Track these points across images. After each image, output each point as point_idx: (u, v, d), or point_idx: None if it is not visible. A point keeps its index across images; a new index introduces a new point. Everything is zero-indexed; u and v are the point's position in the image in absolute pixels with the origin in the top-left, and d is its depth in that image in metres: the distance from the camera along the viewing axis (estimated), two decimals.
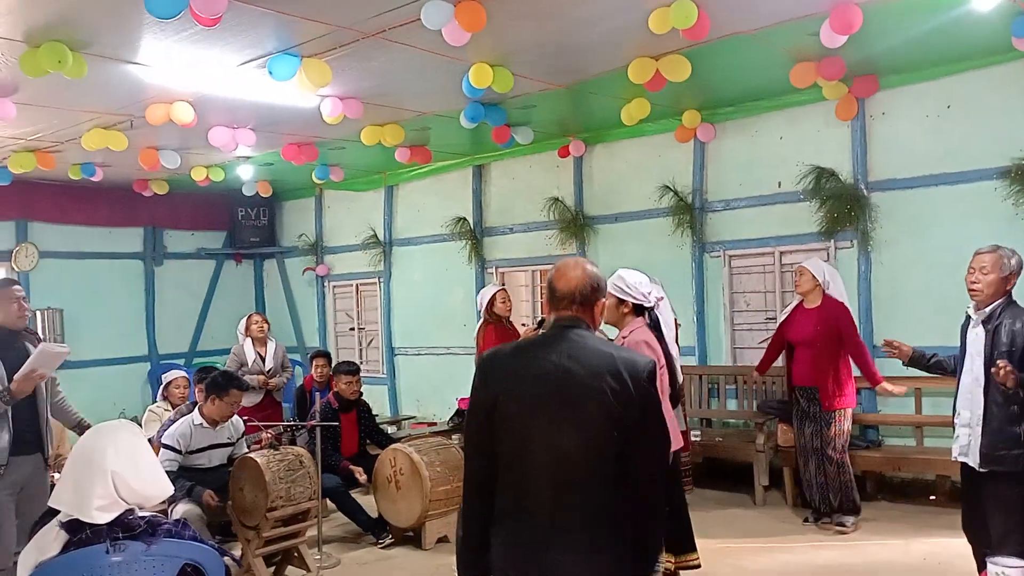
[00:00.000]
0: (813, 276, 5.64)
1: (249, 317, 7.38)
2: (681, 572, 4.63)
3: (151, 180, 9.40)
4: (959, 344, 4.06)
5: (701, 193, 7.56)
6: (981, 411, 3.78)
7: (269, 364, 7.14)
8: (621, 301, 3.94)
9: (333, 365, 6.90)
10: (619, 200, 8.14)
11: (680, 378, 4.11)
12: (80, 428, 4.53)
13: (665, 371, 3.84)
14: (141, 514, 2.65)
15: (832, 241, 6.78)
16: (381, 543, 5.69)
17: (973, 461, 3.83)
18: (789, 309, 5.94)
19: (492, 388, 2.26)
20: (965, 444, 3.89)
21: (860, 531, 5.54)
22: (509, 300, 6.91)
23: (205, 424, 5.12)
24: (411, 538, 5.71)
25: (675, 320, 4.72)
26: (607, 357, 2.19)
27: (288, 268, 11.46)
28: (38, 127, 6.76)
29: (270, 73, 5.24)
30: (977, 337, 3.86)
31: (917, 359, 4.28)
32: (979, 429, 3.78)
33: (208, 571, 2.61)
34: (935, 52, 5.87)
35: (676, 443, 3.71)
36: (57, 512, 2.61)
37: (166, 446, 5.00)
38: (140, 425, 6.10)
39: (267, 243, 11.27)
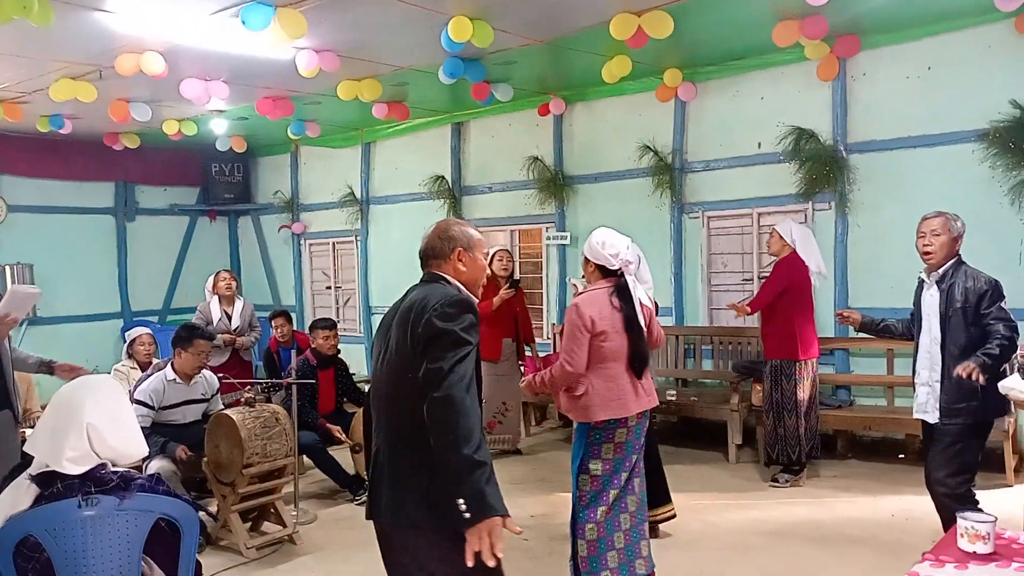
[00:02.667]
0: (781, 236, 5.76)
1: (217, 274, 7.25)
2: (659, 524, 4.76)
3: (122, 133, 9.19)
4: (913, 307, 4.15)
5: (681, 153, 7.52)
6: (940, 368, 3.90)
7: (235, 323, 7.05)
8: (587, 260, 3.90)
9: (310, 322, 6.85)
10: (599, 160, 8.09)
11: (661, 340, 4.08)
12: (46, 367, 4.38)
13: (619, 337, 3.76)
14: (114, 469, 2.61)
15: (810, 203, 6.80)
16: (358, 499, 5.71)
17: (932, 418, 3.96)
18: (770, 268, 6.01)
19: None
20: (923, 402, 4.02)
21: (829, 488, 5.64)
22: (506, 260, 6.79)
23: (178, 380, 5.08)
24: None
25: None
26: (424, 298, 2.36)
27: (263, 225, 11.33)
28: (4, 77, 6.57)
29: (243, 23, 5.10)
30: (932, 298, 3.99)
31: (867, 325, 4.40)
32: (938, 386, 3.91)
33: (182, 525, 2.59)
34: (917, 12, 5.85)
35: (621, 411, 3.70)
36: (28, 466, 2.57)
37: (138, 402, 4.96)
38: None
39: (242, 200, 11.10)
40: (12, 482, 2.59)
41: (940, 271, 3.97)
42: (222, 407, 5.26)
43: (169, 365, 5.18)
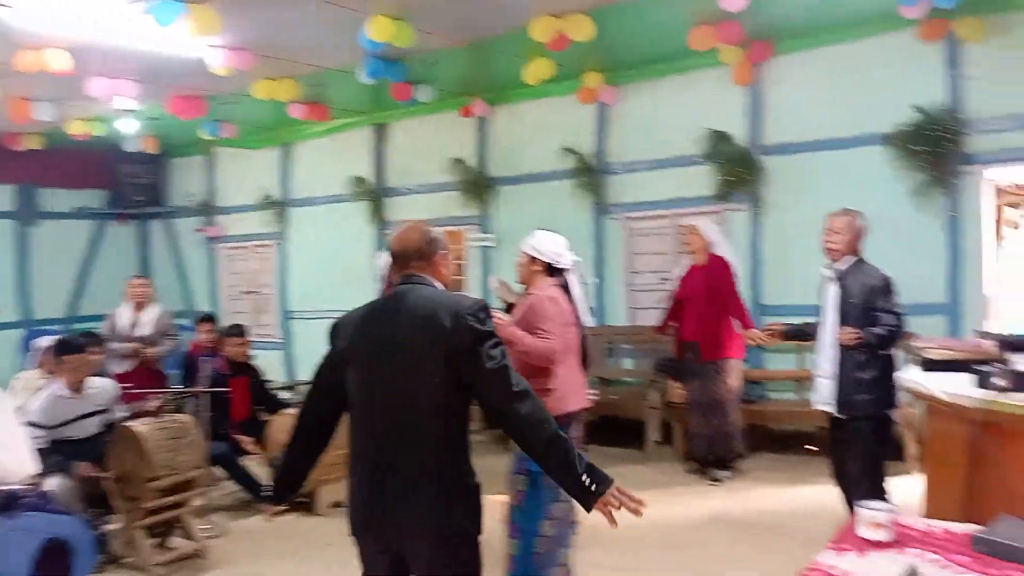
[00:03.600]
0: (703, 236, 5.84)
1: (130, 281, 6.92)
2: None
3: (24, 134, 8.73)
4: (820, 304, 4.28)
5: (602, 155, 7.59)
6: (837, 361, 4.03)
7: (144, 330, 6.64)
8: (533, 260, 3.89)
9: (222, 330, 6.61)
10: (522, 161, 8.09)
11: (587, 342, 4.11)
12: None
13: (574, 331, 3.81)
14: (1, 487, 2.45)
15: (726, 204, 6.94)
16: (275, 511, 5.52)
17: (833, 409, 4.09)
18: (684, 269, 6.04)
19: (338, 348, 2.41)
20: (824, 394, 4.15)
21: (744, 481, 5.76)
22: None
23: (67, 393, 4.79)
24: (304, 504, 5.57)
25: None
26: (438, 303, 2.31)
27: (177, 229, 10.93)
28: None
29: (153, 18, 4.91)
30: (831, 293, 4.14)
31: (788, 333, 4.52)
32: (837, 379, 4.04)
33: (73, 545, 2.44)
34: (827, 19, 6.04)
35: (582, 402, 3.76)
36: None
37: (30, 424, 4.64)
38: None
39: (154, 203, 10.71)
40: None
41: (840, 267, 4.11)
42: (125, 416, 5.00)
43: (60, 380, 4.88)
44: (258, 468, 5.76)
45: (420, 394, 2.25)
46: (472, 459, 2.36)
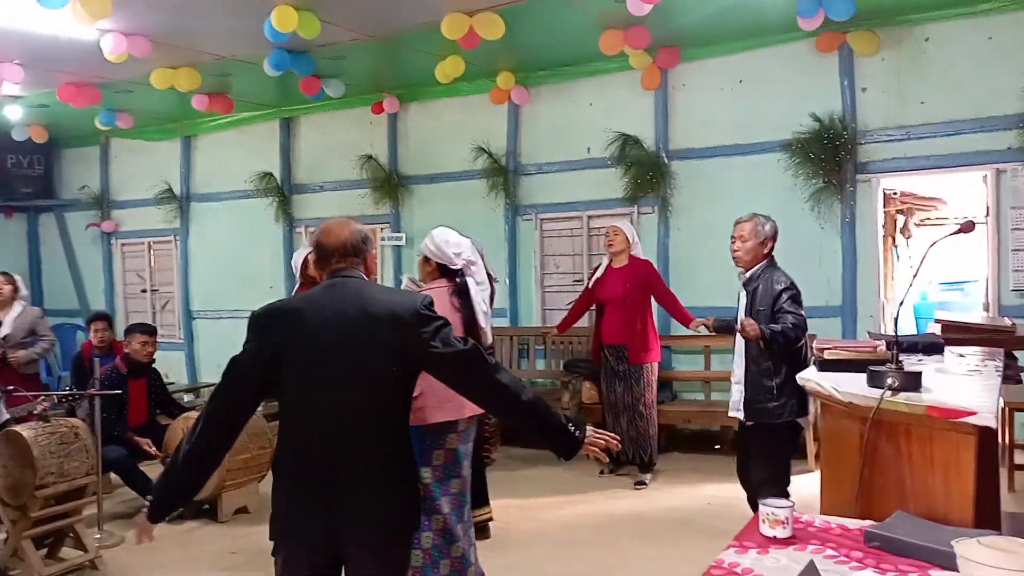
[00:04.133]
0: (626, 236, 5.78)
1: None
2: (488, 525, 4.75)
3: None
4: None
5: (515, 156, 7.61)
6: (745, 367, 4.05)
7: (6, 330, 6.12)
8: (427, 259, 3.82)
9: (126, 326, 6.27)
10: (435, 160, 8.04)
11: (488, 340, 4.02)
12: None
13: (460, 332, 3.71)
14: None
15: (636, 207, 7.07)
16: (172, 515, 5.30)
17: (742, 415, 4.10)
18: (600, 270, 5.99)
19: (270, 341, 2.25)
20: (736, 400, 4.16)
21: (653, 480, 5.86)
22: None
23: None
24: (207, 511, 5.37)
25: (491, 279, 4.59)
26: (390, 298, 2.32)
27: (68, 223, 10.37)
28: None
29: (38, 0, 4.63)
30: (742, 299, 4.15)
31: (718, 327, 4.52)
32: (743, 385, 4.06)
33: None
34: (731, 28, 6.22)
35: (460, 412, 3.56)
36: None
37: None
38: None
39: (43, 195, 10.12)
40: None
41: (748, 273, 4.11)
42: (7, 420, 4.70)
43: None
44: (156, 473, 5.51)
45: (373, 389, 2.23)
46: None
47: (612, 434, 2.43)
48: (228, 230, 9.21)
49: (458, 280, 3.74)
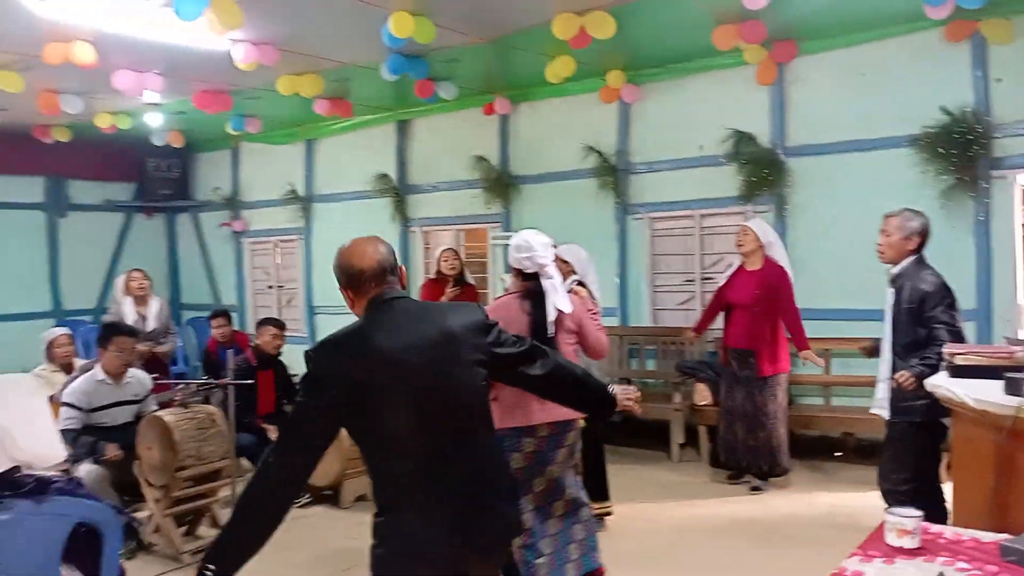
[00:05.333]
0: (757, 236, 5.60)
1: (128, 274, 6.79)
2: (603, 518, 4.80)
3: (52, 126, 8.86)
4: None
5: (625, 155, 7.57)
6: (892, 365, 3.94)
7: (152, 324, 6.62)
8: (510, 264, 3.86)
9: (258, 319, 6.67)
10: (544, 160, 8.10)
11: (601, 343, 3.95)
12: None
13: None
14: (30, 472, 2.51)
15: (750, 205, 6.90)
16: (298, 502, 5.60)
17: (885, 413, 4.01)
18: (731, 270, 5.86)
19: (348, 382, 2.10)
20: (881, 397, 4.06)
21: (770, 486, 5.71)
22: (452, 259, 6.71)
23: (108, 380, 4.90)
24: (329, 497, 5.64)
25: (589, 292, 4.52)
26: (453, 315, 2.27)
27: (203, 223, 11.06)
28: None
29: (176, 12, 4.95)
30: (888, 296, 4.04)
31: (871, 349, 4.33)
32: (889, 383, 3.93)
33: (103, 529, 2.49)
34: (852, 19, 5.98)
35: (566, 414, 3.60)
36: None
37: (67, 404, 4.77)
38: None
39: (180, 196, 10.83)
40: None
41: (895, 270, 4.00)
42: (155, 408, 5.09)
43: (98, 365, 4.99)
44: None
45: (472, 402, 2.23)
46: None
47: (636, 394, 2.62)
48: (347, 229, 9.39)
49: (533, 284, 3.73)
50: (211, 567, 2.02)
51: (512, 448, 3.62)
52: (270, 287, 10.50)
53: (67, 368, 5.78)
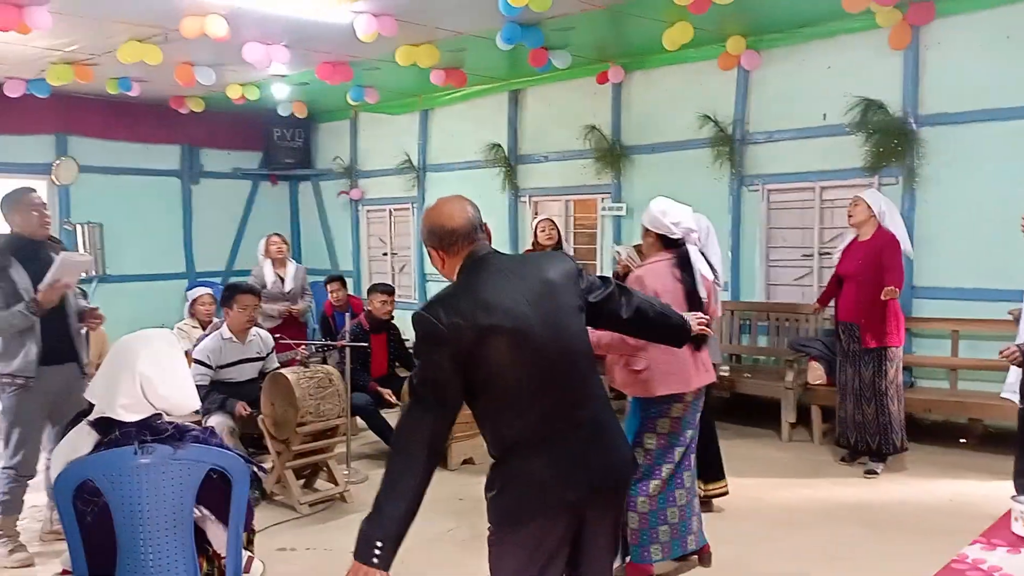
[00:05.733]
0: (868, 206, 5.41)
1: (268, 238, 7.26)
2: (712, 499, 4.75)
3: (187, 97, 9.38)
4: None
5: (742, 124, 7.34)
6: None
7: (289, 286, 7.08)
8: (647, 230, 3.82)
9: (370, 285, 6.93)
10: (657, 130, 7.95)
11: (717, 313, 3.98)
12: (79, 316, 4.38)
13: (684, 310, 3.67)
14: (169, 419, 2.70)
15: (876, 177, 6.57)
16: None
17: (1017, 398, 3.82)
18: (844, 243, 5.72)
19: (470, 338, 2.11)
20: (1011, 381, 3.90)
21: (885, 471, 5.49)
22: (549, 229, 6.71)
23: (234, 338, 5.21)
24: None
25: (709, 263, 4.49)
26: (548, 265, 2.34)
27: (323, 191, 11.49)
28: (74, 38, 6.75)
29: None
30: None
31: None
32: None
33: (233, 476, 2.66)
34: None
35: (680, 386, 3.63)
36: (88, 414, 2.68)
37: (197, 361, 5.10)
38: None
39: (302, 165, 11.28)
40: (74, 428, 2.71)
41: None
42: (277, 366, 5.37)
43: (224, 324, 5.31)
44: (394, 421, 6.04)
45: (579, 348, 2.28)
46: None
47: (704, 318, 2.93)
48: None
49: (680, 250, 3.73)
50: (378, 544, 2.05)
51: (660, 414, 3.65)
52: (384, 254, 10.82)
53: (207, 325, 6.20)
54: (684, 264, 3.71)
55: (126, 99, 8.96)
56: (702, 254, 4.20)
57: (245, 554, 2.81)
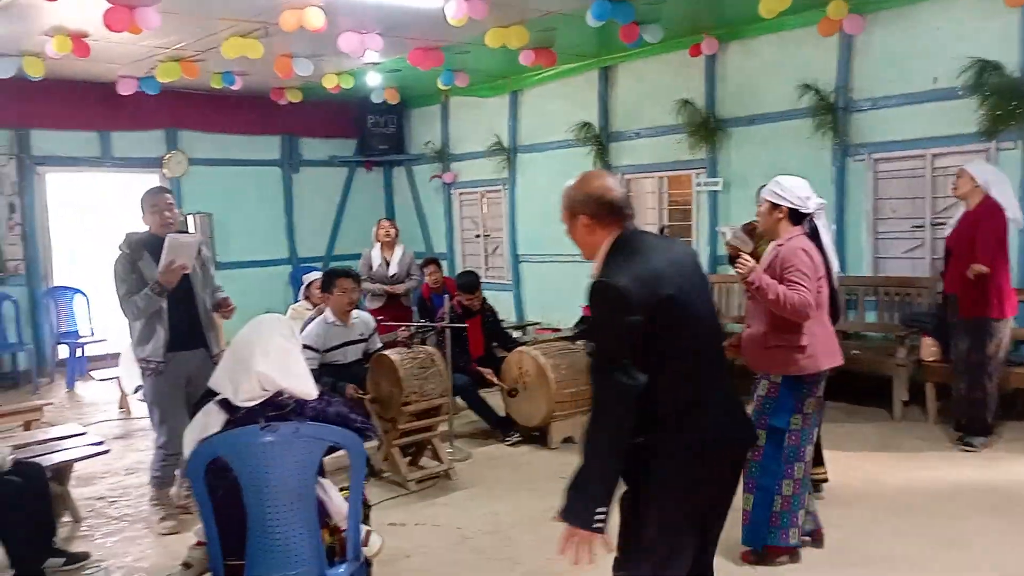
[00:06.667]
0: (972, 177, 5.25)
1: (379, 223, 7.60)
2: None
3: (286, 88, 9.68)
4: None
5: (845, 92, 7.05)
6: None
7: (393, 269, 7.31)
8: (775, 207, 3.72)
9: (457, 274, 7.04)
10: (754, 101, 7.72)
11: (838, 293, 3.89)
12: (215, 306, 4.64)
13: (824, 283, 3.65)
14: (290, 395, 2.83)
15: (993, 142, 6.21)
16: (508, 441, 5.90)
17: None
18: (960, 212, 5.52)
19: (650, 303, 2.17)
20: None
21: (1007, 451, 5.24)
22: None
23: (337, 322, 5.37)
24: (537, 437, 5.88)
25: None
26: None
27: (416, 175, 11.67)
28: (181, 36, 7.06)
29: None
30: None
31: None
32: None
33: (350, 453, 2.78)
34: None
35: (834, 360, 3.59)
36: (215, 395, 2.83)
37: (305, 347, 5.27)
38: None
39: (395, 150, 11.48)
40: (202, 408, 2.87)
41: None
42: (380, 347, 5.52)
43: (328, 309, 5.48)
44: (494, 401, 6.13)
45: (717, 322, 2.51)
46: None
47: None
48: (550, 179, 9.70)
49: (809, 225, 3.70)
50: (600, 511, 2.12)
51: (810, 393, 3.60)
52: (477, 236, 10.93)
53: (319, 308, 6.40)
54: (814, 237, 3.70)
55: (229, 93, 9.31)
56: None
57: (363, 528, 2.93)
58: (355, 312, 5.54)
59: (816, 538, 3.85)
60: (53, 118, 9.13)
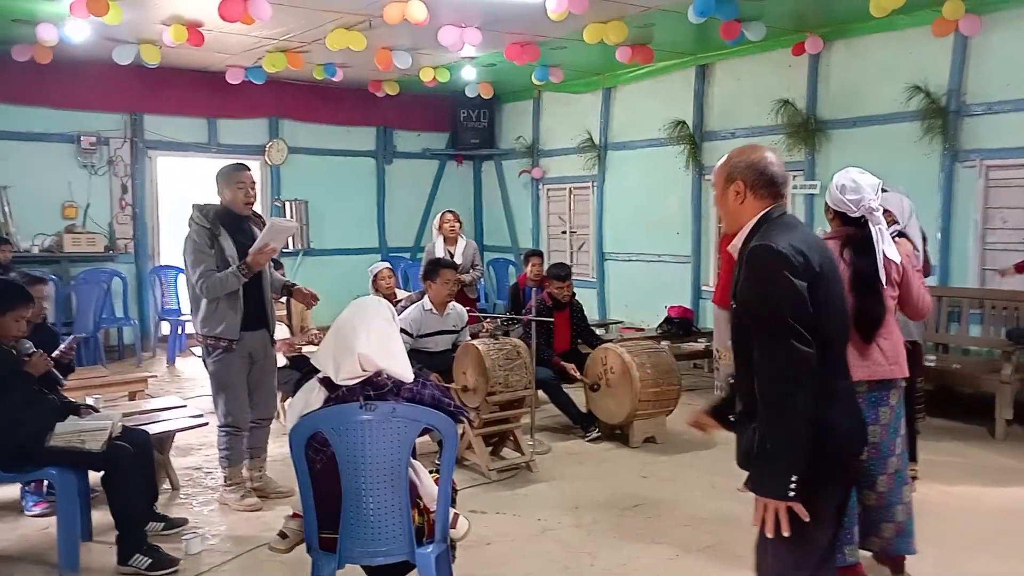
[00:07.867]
0: None
1: (441, 215, 7.44)
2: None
3: (384, 81, 9.90)
4: None
5: (958, 95, 6.74)
6: None
7: (457, 261, 7.11)
8: (826, 207, 3.50)
9: (549, 265, 7.02)
10: (859, 103, 7.48)
11: (885, 306, 3.53)
12: (287, 290, 4.73)
13: (849, 295, 3.31)
14: (388, 375, 2.90)
15: None
16: (589, 436, 5.89)
17: None
18: None
19: (812, 274, 2.14)
20: None
21: None
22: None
23: (434, 310, 5.47)
24: (618, 435, 5.85)
25: (912, 244, 4.10)
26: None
27: (505, 170, 11.75)
28: (288, 27, 7.30)
29: None
30: None
31: None
32: None
33: (444, 436, 2.84)
34: None
35: (886, 372, 3.32)
36: (317, 372, 2.93)
37: (400, 330, 5.39)
38: None
39: (486, 145, 11.59)
40: (304, 385, 2.97)
41: None
42: (468, 338, 5.59)
43: (426, 297, 5.58)
44: (576, 397, 6.12)
45: (847, 307, 2.42)
46: None
47: None
48: (640, 177, 9.64)
49: (861, 230, 3.34)
50: (794, 479, 2.06)
51: (880, 402, 3.38)
52: (563, 232, 10.93)
53: (389, 298, 6.51)
54: (856, 244, 3.34)
55: (329, 84, 9.58)
56: (904, 234, 3.88)
57: (452, 511, 2.98)
58: (451, 303, 5.64)
59: (896, 565, 3.64)
60: (165, 104, 9.60)
